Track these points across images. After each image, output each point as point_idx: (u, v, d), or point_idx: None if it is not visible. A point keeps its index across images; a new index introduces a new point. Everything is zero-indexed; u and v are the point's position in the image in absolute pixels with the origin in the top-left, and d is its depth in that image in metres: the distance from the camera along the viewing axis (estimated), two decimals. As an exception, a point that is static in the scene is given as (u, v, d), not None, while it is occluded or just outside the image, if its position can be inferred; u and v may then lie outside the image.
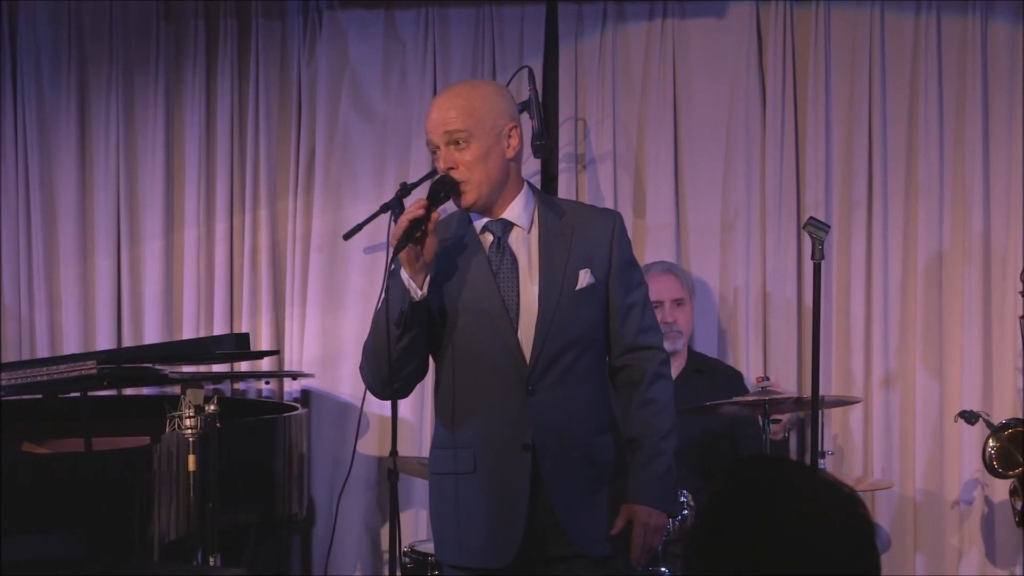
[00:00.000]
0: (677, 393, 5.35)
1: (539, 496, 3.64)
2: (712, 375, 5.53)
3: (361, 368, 3.75)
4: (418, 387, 5.79)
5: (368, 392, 3.80)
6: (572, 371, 3.66)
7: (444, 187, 3.62)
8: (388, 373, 3.63)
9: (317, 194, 6.02)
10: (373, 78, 6.01)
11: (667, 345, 5.41)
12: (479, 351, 3.64)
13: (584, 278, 3.67)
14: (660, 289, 5.40)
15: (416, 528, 5.86)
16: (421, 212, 3.52)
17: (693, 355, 5.61)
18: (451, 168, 3.65)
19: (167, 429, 4.74)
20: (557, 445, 3.64)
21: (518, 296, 3.66)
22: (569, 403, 3.65)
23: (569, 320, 3.65)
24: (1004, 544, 5.57)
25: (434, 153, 3.71)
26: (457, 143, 3.65)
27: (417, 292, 3.55)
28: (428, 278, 3.57)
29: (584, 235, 3.70)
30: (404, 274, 3.56)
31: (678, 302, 5.48)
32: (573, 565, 3.67)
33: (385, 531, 5.89)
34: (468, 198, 3.66)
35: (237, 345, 5.65)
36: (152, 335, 6.04)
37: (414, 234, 3.51)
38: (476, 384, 3.66)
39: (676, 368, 5.52)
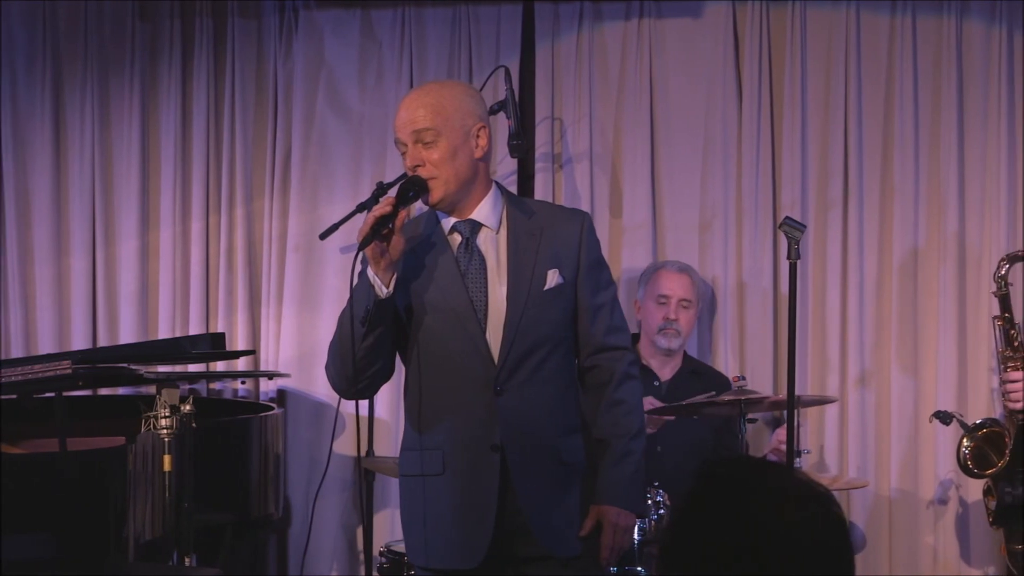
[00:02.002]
0: (674, 393, 5.40)
1: (508, 497, 3.64)
2: (706, 380, 5.53)
3: (327, 367, 3.74)
4: (396, 388, 5.83)
5: (338, 392, 3.79)
6: (540, 371, 3.67)
7: (412, 186, 3.62)
8: (353, 372, 3.62)
9: (293, 194, 6.01)
10: (349, 77, 6.00)
11: (662, 342, 5.45)
12: (447, 352, 3.65)
13: (552, 278, 3.68)
14: (672, 286, 5.42)
15: (392, 528, 5.85)
16: (388, 209, 3.53)
17: (688, 358, 5.62)
18: (418, 166, 3.65)
19: (142, 429, 4.73)
20: (525, 446, 3.64)
21: (486, 296, 3.66)
22: (537, 403, 3.66)
23: (537, 320, 3.66)
24: (978, 544, 5.59)
25: (403, 152, 3.70)
26: (425, 141, 3.64)
27: (383, 290, 3.55)
28: (395, 277, 3.57)
29: (552, 235, 3.71)
30: (370, 272, 3.56)
31: (685, 303, 5.48)
32: (543, 565, 3.68)
33: (361, 531, 5.88)
34: (435, 195, 3.66)
35: (213, 345, 5.65)
36: (127, 335, 6.02)
37: (380, 231, 3.52)
38: (444, 385, 3.66)
39: (672, 368, 5.53)
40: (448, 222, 3.72)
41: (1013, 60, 5.62)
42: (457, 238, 3.72)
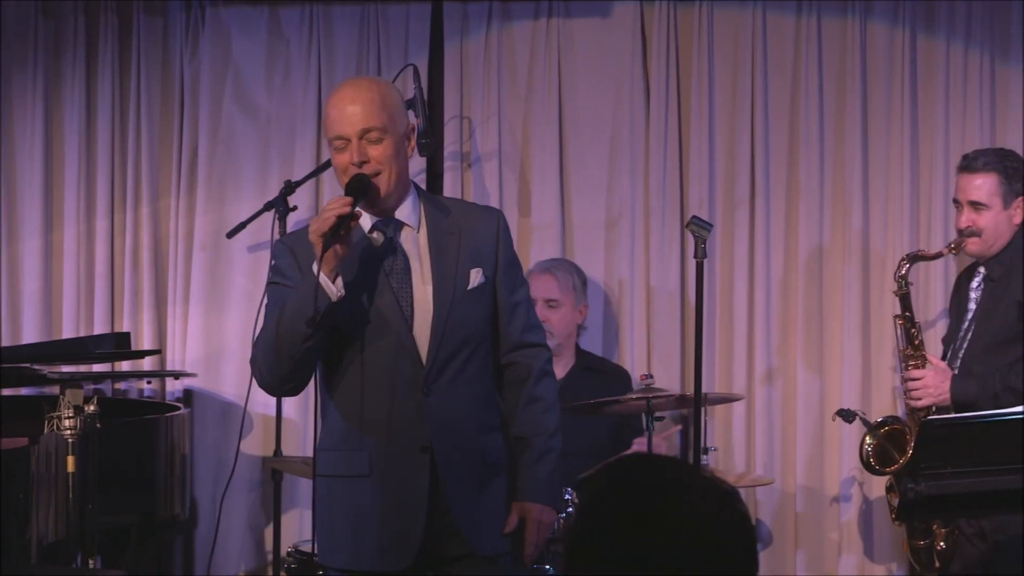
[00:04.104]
0: (567, 391, 5.41)
1: (437, 497, 3.63)
2: (602, 374, 5.55)
3: (255, 363, 3.66)
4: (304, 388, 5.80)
5: (261, 389, 3.74)
6: (466, 371, 3.67)
7: (360, 184, 3.58)
8: (289, 371, 3.58)
9: (200, 192, 5.96)
10: (256, 75, 5.97)
11: None
12: (373, 352, 3.62)
13: (475, 277, 3.68)
14: (536, 288, 5.41)
15: (300, 528, 5.82)
16: (348, 209, 3.49)
17: (582, 354, 5.63)
18: (364, 162, 3.61)
19: (45, 430, 4.67)
20: (453, 446, 3.63)
21: (412, 296, 3.65)
22: (463, 403, 3.66)
23: (463, 319, 3.65)
24: (881, 539, 5.65)
25: (339, 148, 3.64)
26: (372, 139, 3.62)
27: (335, 292, 3.51)
28: (339, 277, 3.54)
29: (471, 233, 3.70)
30: (320, 274, 3.50)
31: (551, 303, 5.48)
32: (468, 564, 3.67)
33: (269, 531, 5.85)
34: (383, 191, 3.62)
35: (118, 344, 5.60)
36: (30, 335, 5.94)
37: (339, 231, 3.48)
38: (371, 386, 3.63)
39: (565, 366, 5.54)
40: (365, 222, 3.69)
41: (916, 61, 5.69)
42: (379, 237, 3.69)
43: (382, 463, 3.63)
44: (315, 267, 3.50)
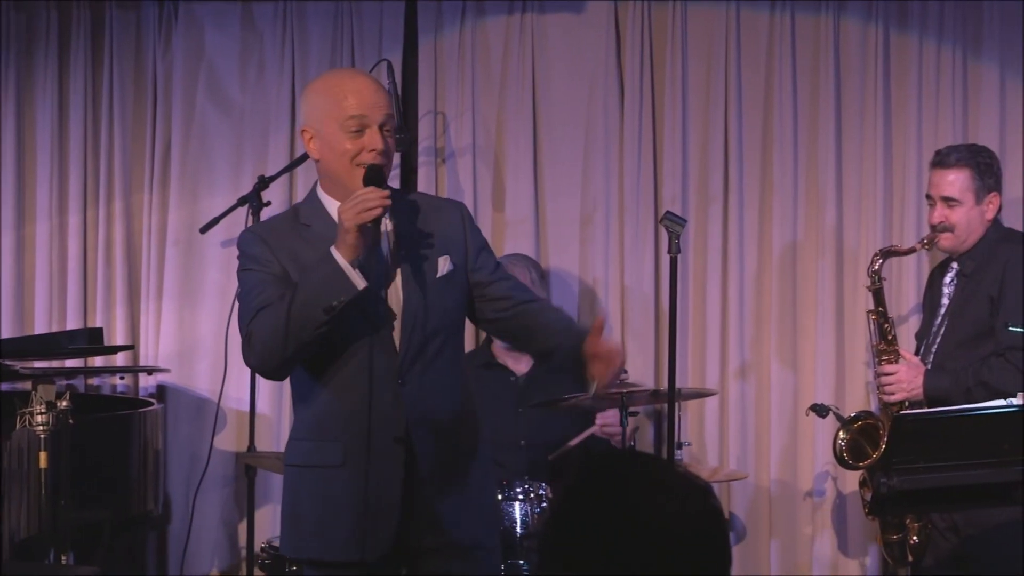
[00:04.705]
0: (534, 384, 5.42)
1: (412, 488, 3.62)
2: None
3: (252, 346, 3.58)
4: (274, 383, 5.80)
5: (254, 370, 3.69)
6: (439, 358, 3.66)
7: (382, 175, 3.59)
8: (294, 354, 3.54)
9: (173, 187, 5.95)
10: (230, 70, 5.96)
11: (498, 341, 5.46)
12: (349, 342, 3.60)
13: (444, 265, 3.68)
14: None
15: (274, 524, 5.79)
16: (388, 201, 3.50)
17: (547, 348, 5.62)
18: (381, 151, 3.60)
19: (17, 426, 4.65)
20: (429, 434, 3.62)
21: (385, 286, 3.64)
22: (438, 391, 3.65)
23: (434, 307, 3.64)
24: (855, 533, 5.67)
25: (352, 131, 3.60)
26: (386, 129, 3.63)
27: (360, 282, 3.50)
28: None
29: (438, 224, 3.69)
30: (343, 262, 3.50)
31: None
32: (442, 556, 3.66)
33: (242, 527, 5.84)
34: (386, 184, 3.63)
35: (90, 340, 5.58)
36: (2, 330, 5.92)
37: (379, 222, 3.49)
38: (346, 376, 3.61)
39: (528, 361, 5.53)
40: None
41: (889, 58, 5.71)
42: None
43: (356, 453, 3.61)
44: (337, 255, 3.50)
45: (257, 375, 5.51)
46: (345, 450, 3.63)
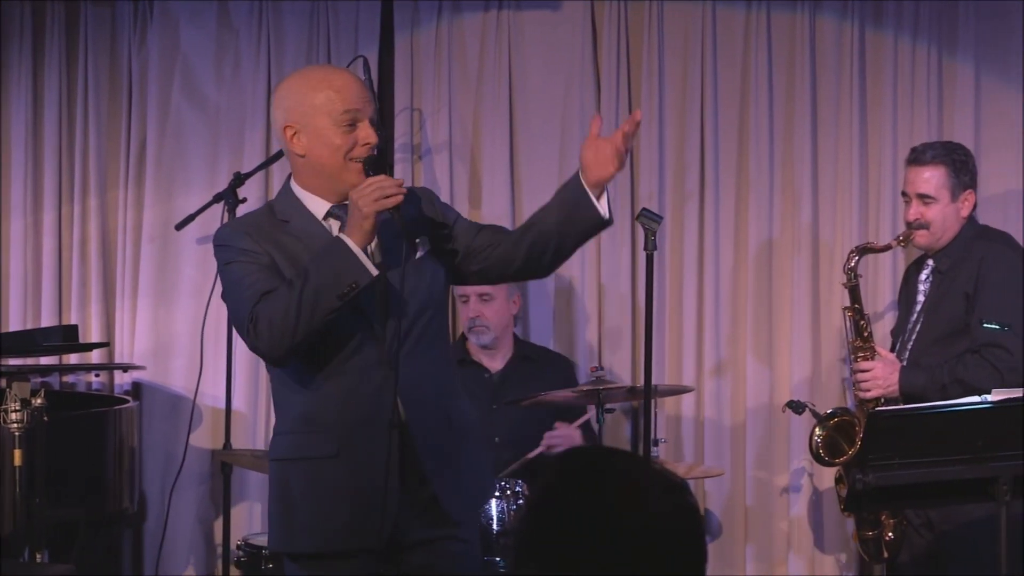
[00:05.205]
0: (508, 381, 5.42)
1: (408, 471, 3.61)
2: (542, 364, 5.56)
3: (259, 331, 3.53)
4: (254, 381, 5.79)
5: (258, 354, 3.62)
6: (425, 339, 3.65)
7: (383, 164, 3.61)
8: (303, 339, 3.51)
9: (148, 184, 5.93)
10: (206, 67, 5.94)
11: (473, 339, 5.48)
12: (336, 330, 3.59)
13: (420, 248, 3.67)
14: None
15: (250, 521, 5.80)
16: (405, 189, 3.53)
17: (520, 343, 5.63)
18: (374, 144, 3.62)
19: (-8, 423, 4.63)
20: (422, 415, 3.61)
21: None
22: (427, 372, 3.63)
23: (417, 288, 3.63)
24: (831, 530, 5.69)
25: (345, 124, 3.59)
26: (373, 123, 3.63)
27: (373, 269, 3.50)
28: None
29: (408, 209, 3.66)
30: (356, 248, 3.49)
31: (484, 297, 5.47)
32: (429, 549, 3.65)
33: (218, 525, 5.82)
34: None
35: (65, 337, 5.56)
36: (-23, 327, 5.91)
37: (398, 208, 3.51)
38: (335, 363, 3.59)
39: (503, 358, 5.55)
40: (319, 208, 3.66)
41: (864, 55, 5.72)
42: (335, 223, 3.67)
43: (350, 441, 3.59)
44: (349, 241, 3.50)
45: (231, 371, 5.54)
46: (338, 439, 3.60)
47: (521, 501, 4.84)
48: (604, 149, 3.69)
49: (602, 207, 3.72)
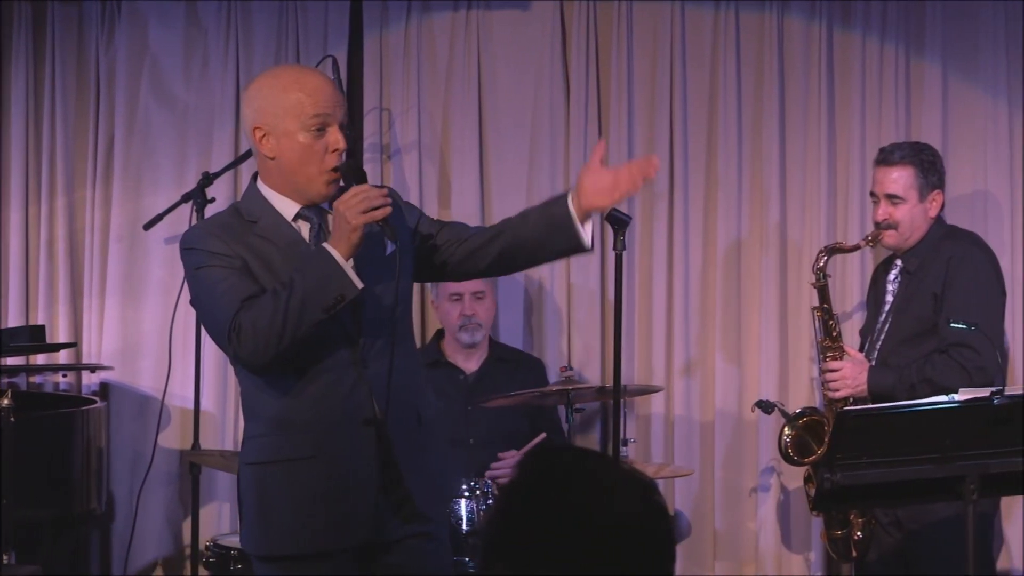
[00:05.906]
0: (482, 382, 5.42)
1: (385, 469, 3.59)
2: (515, 365, 5.56)
3: (243, 340, 3.49)
4: (222, 381, 5.77)
5: (240, 362, 3.58)
6: (395, 336, 3.63)
7: (362, 172, 3.57)
8: (288, 347, 3.48)
9: (116, 183, 5.91)
10: (174, 66, 5.91)
11: (466, 337, 5.47)
12: (311, 334, 3.57)
13: (389, 244, 3.65)
14: (460, 282, 5.40)
15: (219, 522, 5.78)
16: (390, 199, 3.49)
17: (495, 345, 5.63)
18: (344, 150, 3.58)
19: (-42, 424, 4.61)
20: (396, 413, 3.59)
21: None
22: (398, 368, 3.61)
23: (387, 287, 3.62)
24: (799, 529, 5.70)
25: (315, 129, 3.55)
26: (344, 128, 3.59)
27: (358, 283, 3.48)
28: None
29: (392, 216, 3.65)
30: (342, 260, 3.46)
31: (478, 295, 5.48)
32: (406, 548, 3.64)
33: (187, 525, 5.81)
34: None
35: (32, 337, 5.54)
36: (-57, 327, 5.87)
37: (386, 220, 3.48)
38: (309, 366, 3.58)
39: (478, 359, 5.55)
40: (287, 208, 3.64)
41: (833, 56, 5.74)
42: (304, 224, 3.65)
43: (327, 441, 3.58)
44: (334, 253, 3.46)
45: (200, 372, 5.52)
46: (315, 440, 3.59)
47: (490, 501, 4.84)
48: (603, 179, 3.63)
49: (585, 234, 3.66)
